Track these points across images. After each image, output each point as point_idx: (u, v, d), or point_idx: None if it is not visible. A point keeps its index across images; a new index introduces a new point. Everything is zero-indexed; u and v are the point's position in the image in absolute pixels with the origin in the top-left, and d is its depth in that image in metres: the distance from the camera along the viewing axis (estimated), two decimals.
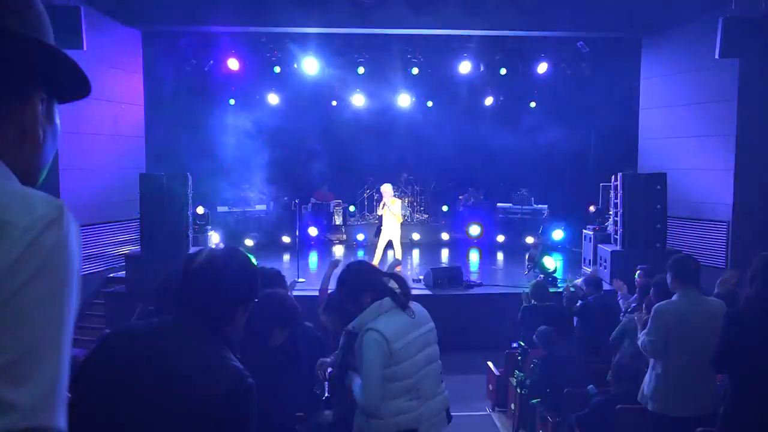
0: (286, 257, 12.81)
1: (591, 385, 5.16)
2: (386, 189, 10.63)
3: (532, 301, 6.87)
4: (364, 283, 3.14)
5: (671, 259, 4.40)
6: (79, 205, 9.78)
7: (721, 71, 9.69)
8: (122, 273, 9.69)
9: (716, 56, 8.28)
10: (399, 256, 10.60)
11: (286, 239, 14.03)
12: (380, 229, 10.88)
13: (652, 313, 4.20)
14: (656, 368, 4.15)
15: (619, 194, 9.86)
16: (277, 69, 13.43)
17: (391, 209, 10.44)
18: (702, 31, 9.55)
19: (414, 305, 3.20)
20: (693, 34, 10.32)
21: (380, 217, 11.03)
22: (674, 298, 4.25)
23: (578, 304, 6.65)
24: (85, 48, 8.11)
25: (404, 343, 2.99)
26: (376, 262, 10.36)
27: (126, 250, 10.22)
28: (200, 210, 10.98)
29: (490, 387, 7.01)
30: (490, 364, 7.06)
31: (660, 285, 4.61)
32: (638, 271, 6.63)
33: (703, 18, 9.56)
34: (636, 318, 4.86)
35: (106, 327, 8.47)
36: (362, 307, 3.02)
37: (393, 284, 3.26)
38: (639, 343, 4.30)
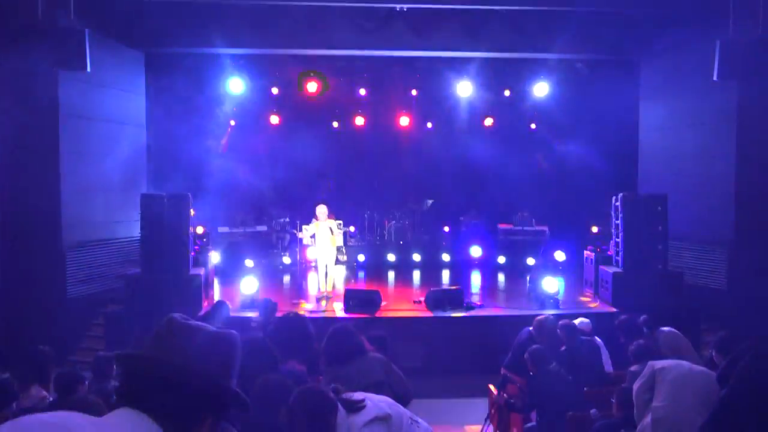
0: (286, 278, 12.77)
1: (594, 410, 5.10)
2: (322, 209, 10.40)
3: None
4: None
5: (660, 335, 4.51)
6: (79, 226, 9.79)
7: (719, 93, 9.75)
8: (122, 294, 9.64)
9: (714, 78, 8.34)
10: (330, 286, 10.42)
11: (286, 260, 14.01)
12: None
13: (650, 369, 4.22)
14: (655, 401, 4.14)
15: (619, 215, 9.86)
16: (278, 90, 13.53)
17: (327, 231, 10.27)
18: (700, 53, 9.63)
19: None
20: (691, 56, 10.41)
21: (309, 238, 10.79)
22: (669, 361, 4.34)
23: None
24: (88, 69, 8.19)
25: None
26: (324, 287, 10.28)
27: (126, 270, 10.18)
28: (200, 230, 10.97)
29: (492, 411, 6.92)
30: (491, 387, 6.98)
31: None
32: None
33: (700, 40, 9.65)
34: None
35: (105, 349, 8.41)
36: None
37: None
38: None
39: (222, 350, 1.54)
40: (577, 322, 6.55)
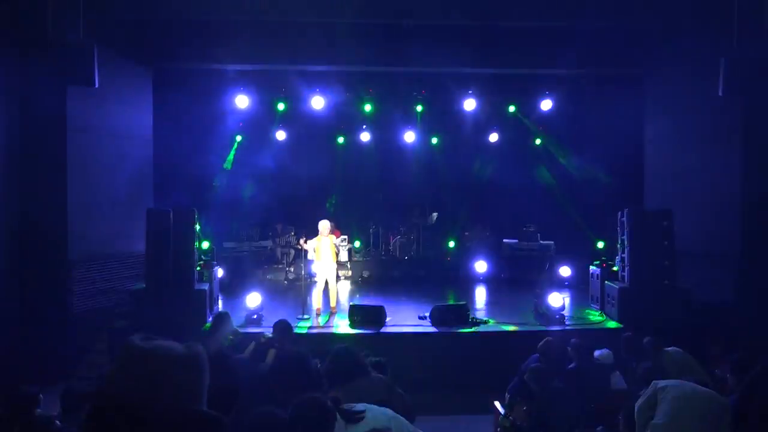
0: (291, 293, 12.73)
1: (600, 427, 5.04)
2: (325, 225, 10.50)
3: None
4: None
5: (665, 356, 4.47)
6: (85, 240, 9.82)
7: (724, 108, 9.74)
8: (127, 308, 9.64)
9: (719, 94, 8.35)
10: (334, 302, 10.50)
11: (290, 275, 14.02)
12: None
13: (652, 388, 4.21)
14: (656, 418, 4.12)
15: (625, 230, 9.82)
16: (284, 106, 13.62)
17: (331, 245, 10.38)
18: (705, 69, 9.64)
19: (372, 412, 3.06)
20: (696, 72, 10.42)
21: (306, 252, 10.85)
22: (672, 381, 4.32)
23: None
24: (96, 85, 8.26)
25: None
26: (320, 299, 10.35)
27: (131, 285, 10.19)
28: (206, 245, 10.98)
29: (499, 429, 6.85)
30: (497, 404, 6.92)
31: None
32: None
33: (705, 56, 9.66)
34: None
35: (110, 364, 8.40)
36: None
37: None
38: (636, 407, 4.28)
39: (187, 372, 1.43)
40: (597, 353, 6.48)
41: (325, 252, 10.33)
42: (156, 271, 9.09)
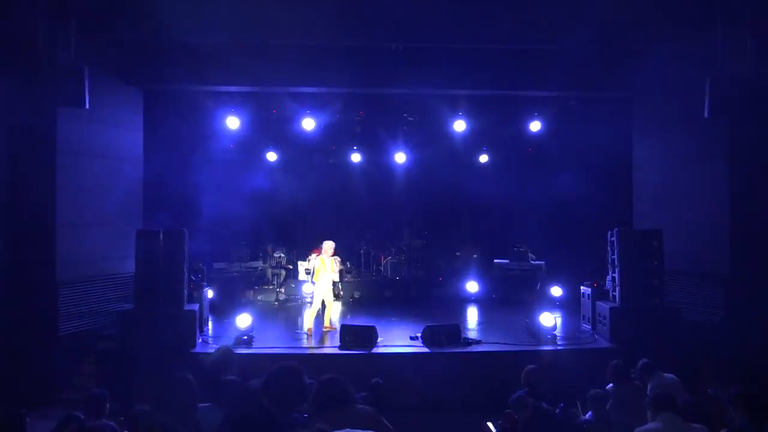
0: (282, 314, 12.65)
1: None
2: (329, 245, 10.65)
3: None
4: None
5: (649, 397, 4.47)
6: (73, 261, 9.73)
7: (711, 129, 9.88)
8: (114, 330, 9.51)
9: (705, 115, 8.46)
10: (330, 319, 10.63)
11: (281, 296, 13.95)
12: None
13: None
14: None
15: (615, 250, 9.88)
16: (273, 127, 13.65)
17: (332, 266, 10.52)
18: (691, 90, 9.79)
19: None
20: (683, 93, 10.57)
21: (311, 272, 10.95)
22: (653, 425, 4.26)
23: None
24: (87, 106, 8.26)
25: None
26: (319, 317, 10.49)
27: (120, 306, 10.08)
28: (196, 266, 10.91)
29: None
30: (490, 425, 6.86)
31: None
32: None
33: (691, 78, 9.82)
34: None
35: (96, 386, 8.26)
36: None
37: None
38: None
39: None
40: (610, 387, 6.43)
41: (326, 272, 10.43)
42: (145, 292, 9.01)
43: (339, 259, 10.84)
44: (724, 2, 8.55)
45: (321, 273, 10.48)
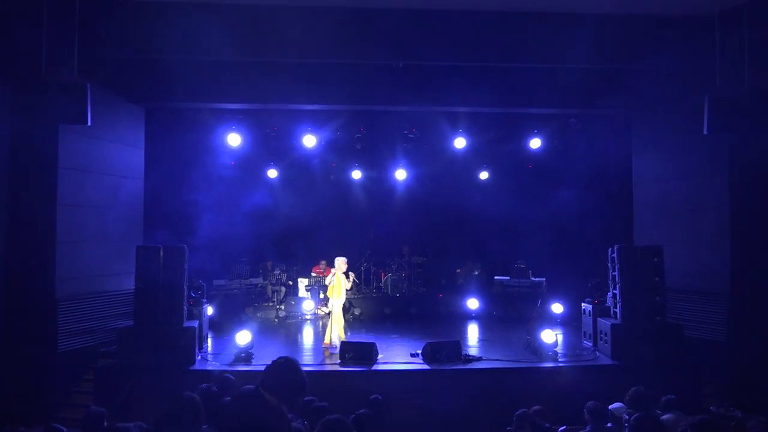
0: (282, 331, 12.59)
1: None
2: (343, 261, 10.71)
3: None
4: None
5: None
6: (73, 278, 9.72)
7: (710, 145, 9.91)
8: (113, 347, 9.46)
9: (705, 132, 8.51)
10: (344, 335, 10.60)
11: (281, 312, 13.90)
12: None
13: None
14: None
15: (616, 267, 9.86)
16: (275, 143, 13.70)
17: (344, 282, 10.57)
18: (690, 107, 9.85)
19: None
20: (682, 111, 10.64)
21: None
22: None
23: None
24: (89, 123, 8.31)
25: None
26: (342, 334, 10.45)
27: (119, 323, 10.04)
28: (195, 283, 10.90)
29: None
30: None
31: None
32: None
33: (690, 95, 9.88)
34: None
35: (94, 404, 8.20)
36: None
37: None
38: None
39: None
40: (612, 407, 6.33)
41: (342, 288, 10.53)
42: (145, 309, 8.99)
43: (353, 274, 10.95)
44: (722, 20, 8.64)
45: (340, 288, 10.51)
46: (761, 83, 8.36)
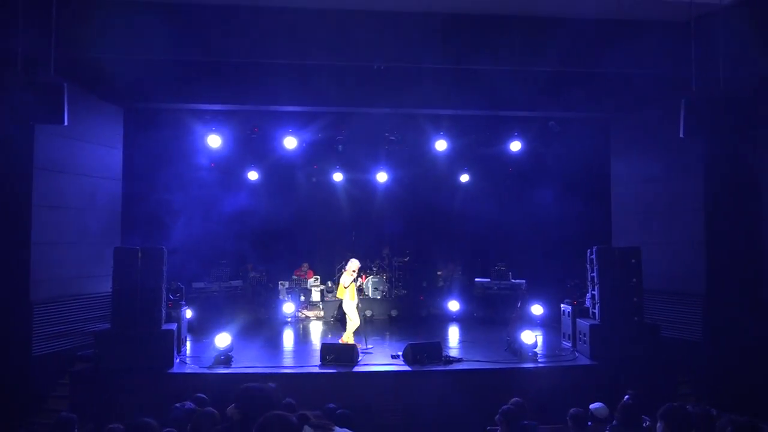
0: (263, 333, 12.50)
1: None
2: (356, 264, 10.74)
3: None
4: None
5: (663, 408, 4.35)
6: (49, 280, 9.56)
7: (686, 148, 10.07)
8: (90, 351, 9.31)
9: (681, 135, 8.63)
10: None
11: (262, 316, 13.82)
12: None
13: None
14: None
15: (595, 268, 9.96)
16: (255, 145, 13.61)
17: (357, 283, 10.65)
18: (667, 111, 10.00)
19: None
20: (659, 115, 10.80)
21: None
22: None
23: None
24: (66, 123, 8.17)
25: None
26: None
27: (96, 326, 9.89)
28: (174, 285, 10.78)
29: None
30: None
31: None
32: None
33: (667, 99, 10.03)
34: None
35: (69, 408, 8.06)
36: None
37: None
38: None
39: None
40: (593, 407, 6.37)
41: (354, 290, 10.52)
42: (122, 311, 8.87)
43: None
44: (698, 26, 8.78)
45: (354, 291, 10.51)
46: (735, 88, 8.53)
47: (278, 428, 2.72)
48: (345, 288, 10.51)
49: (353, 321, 10.49)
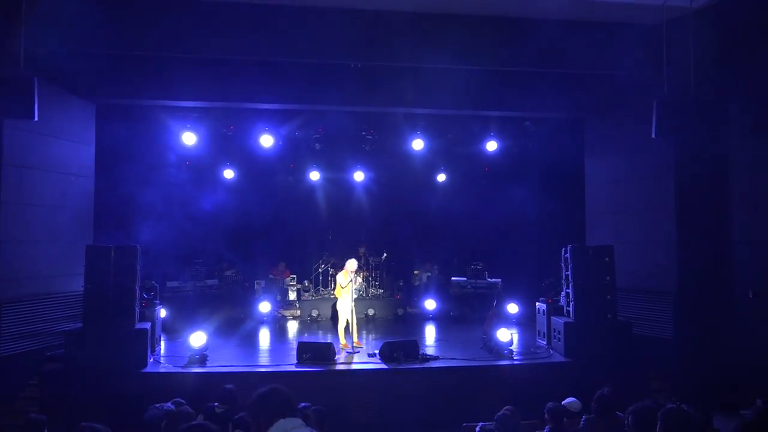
0: (239, 332, 12.40)
1: None
2: (354, 264, 10.74)
3: None
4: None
5: (663, 411, 4.41)
6: (18, 279, 9.35)
7: (658, 149, 10.25)
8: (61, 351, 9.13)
9: (653, 135, 8.79)
10: (356, 337, 10.60)
11: (238, 315, 13.71)
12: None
13: None
14: None
15: (569, 267, 10.09)
16: (230, 143, 13.48)
17: (353, 284, 10.60)
18: (639, 112, 10.17)
19: None
20: (631, 116, 10.96)
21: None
22: None
23: None
24: (36, 118, 8.00)
25: None
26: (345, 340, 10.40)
27: (68, 326, 9.70)
28: (148, 284, 10.64)
29: None
30: None
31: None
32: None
33: (639, 101, 10.20)
34: None
35: (39, 410, 7.90)
36: None
37: None
38: None
39: None
40: (565, 402, 6.46)
41: (350, 290, 10.43)
42: (95, 310, 8.72)
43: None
44: (669, 30, 8.95)
45: (349, 291, 10.46)
46: (704, 90, 8.73)
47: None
48: (342, 288, 10.48)
49: (341, 321, 10.47)
